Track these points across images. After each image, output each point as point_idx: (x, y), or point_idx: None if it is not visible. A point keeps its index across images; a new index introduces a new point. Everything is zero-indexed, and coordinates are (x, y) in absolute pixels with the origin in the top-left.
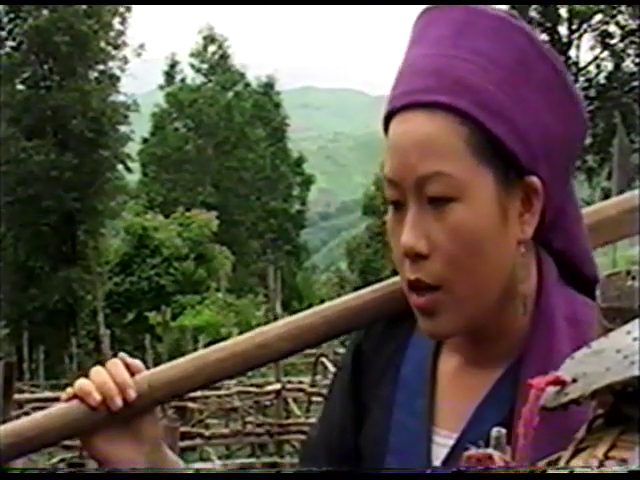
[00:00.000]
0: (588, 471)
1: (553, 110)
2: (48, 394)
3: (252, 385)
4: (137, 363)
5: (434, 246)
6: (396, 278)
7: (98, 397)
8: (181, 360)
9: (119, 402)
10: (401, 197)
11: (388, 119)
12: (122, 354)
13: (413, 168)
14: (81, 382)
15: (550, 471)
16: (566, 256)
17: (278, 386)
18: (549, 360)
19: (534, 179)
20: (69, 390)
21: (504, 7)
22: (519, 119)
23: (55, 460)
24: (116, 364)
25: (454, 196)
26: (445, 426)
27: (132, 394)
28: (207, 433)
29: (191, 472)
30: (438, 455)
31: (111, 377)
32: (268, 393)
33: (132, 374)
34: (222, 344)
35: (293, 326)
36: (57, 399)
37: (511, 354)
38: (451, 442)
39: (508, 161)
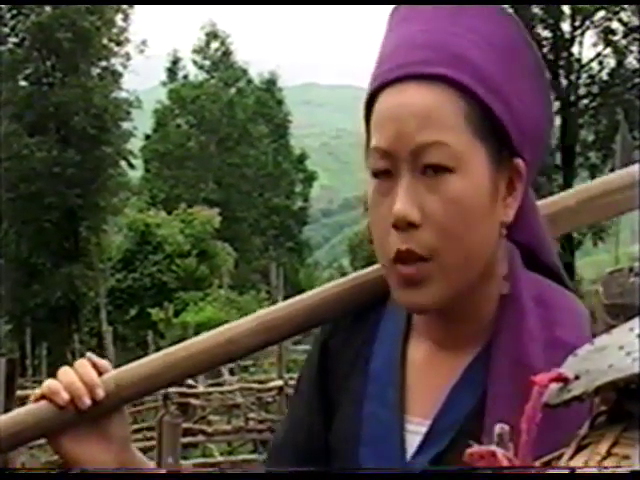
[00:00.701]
0: (590, 471)
1: (537, 97)
2: None
3: (254, 382)
4: (104, 363)
5: (427, 216)
6: (363, 271)
7: (66, 396)
8: (149, 358)
9: (87, 401)
10: (392, 167)
11: (376, 93)
12: (89, 354)
13: (411, 137)
14: (49, 382)
15: (551, 470)
16: (525, 245)
17: (280, 382)
18: (519, 341)
19: (520, 162)
20: (37, 391)
21: (505, 6)
22: (512, 99)
23: (56, 457)
24: (84, 364)
25: (451, 167)
26: (417, 414)
27: (100, 393)
28: (209, 430)
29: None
30: (412, 443)
31: (79, 377)
32: (270, 389)
33: (100, 374)
34: (190, 341)
35: (262, 321)
36: None
37: (481, 337)
38: (424, 429)
39: (501, 140)
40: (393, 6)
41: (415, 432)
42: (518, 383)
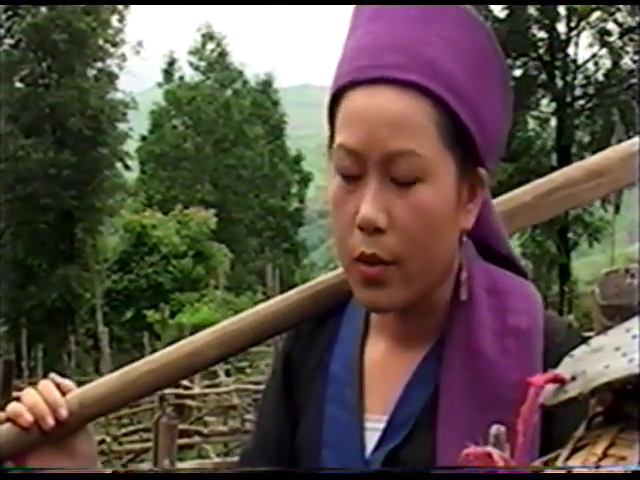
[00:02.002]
0: (588, 471)
1: (502, 108)
2: None
3: (251, 383)
4: (67, 383)
5: (393, 222)
6: (322, 277)
7: (30, 418)
8: (111, 376)
9: (51, 421)
10: (360, 169)
11: (343, 90)
12: (52, 374)
13: (382, 142)
14: (12, 405)
15: (548, 470)
16: (479, 238)
17: None
18: (470, 331)
19: (483, 171)
20: (1, 415)
21: (499, 6)
22: (481, 109)
23: None
24: (47, 385)
25: (420, 176)
26: (375, 411)
27: (63, 413)
28: (206, 431)
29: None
30: (370, 441)
31: (42, 398)
32: None
33: (63, 394)
34: (151, 356)
35: (221, 333)
36: None
37: (436, 332)
38: (382, 426)
39: (468, 150)
40: (355, 6)
41: (374, 429)
42: (471, 373)
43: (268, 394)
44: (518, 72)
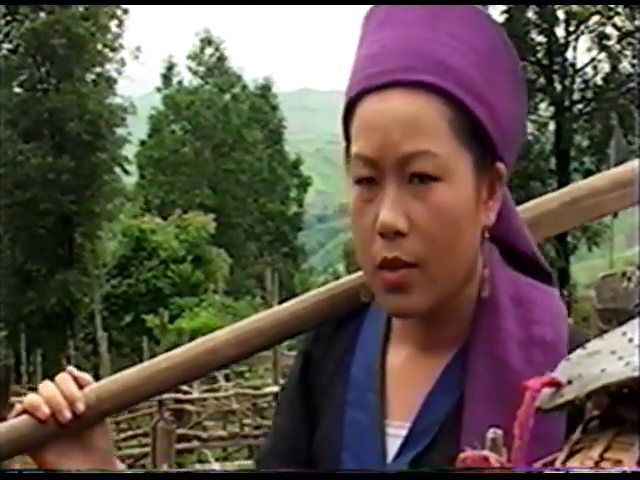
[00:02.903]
0: (588, 471)
1: (515, 99)
2: None
3: (250, 387)
4: (85, 376)
5: (413, 224)
6: (343, 279)
7: (47, 410)
8: (129, 371)
9: (68, 415)
10: (377, 175)
11: (357, 99)
12: (70, 367)
13: (396, 146)
14: (30, 397)
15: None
16: (503, 240)
17: (276, 388)
18: (496, 340)
19: (501, 166)
20: (18, 406)
21: (501, 6)
22: (494, 105)
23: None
24: (64, 378)
25: (437, 175)
26: (397, 417)
27: (80, 407)
28: (204, 435)
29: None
30: (392, 447)
31: (59, 391)
32: (266, 395)
33: (81, 387)
34: (170, 353)
35: (242, 331)
36: None
37: (459, 338)
38: (404, 432)
39: (485, 146)
40: (367, 11)
41: (395, 435)
42: (495, 382)
43: (285, 395)
44: None
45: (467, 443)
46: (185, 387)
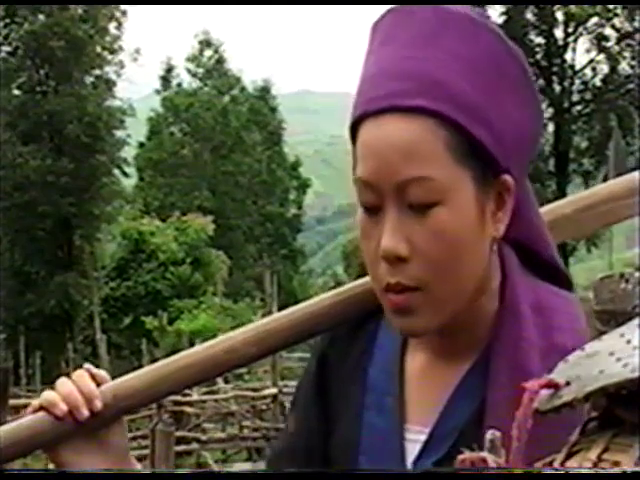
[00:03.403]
0: (587, 471)
1: (522, 109)
2: None
3: (249, 389)
4: (102, 374)
5: (414, 249)
6: (360, 281)
7: (64, 407)
8: (146, 369)
9: (85, 412)
10: (378, 200)
11: (359, 122)
12: (87, 365)
13: (394, 173)
14: (47, 394)
15: (545, 472)
16: (522, 243)
17: (275, 390)
18: (517, 347)
19: (508, 178)
20: (35, 402)
21: (500, 7)
22: (495, 119)
23: (52, 466)
24: (81, 375)
25: (436, 200)
26: (416, 422)
27: (98, 404)
28: (204, 437)
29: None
30: (411, 451)
31: (77, 388)
32: (265, 397)
33: (98, 384)
34: (188, 351)
35: (260, 330)
36: None
37: (479, 345)
38: (423, 437)
39: (485, 162)
40: (374, 21)
41: (414, 440)
42: (517, 390)
43: (300, 396)
44: None
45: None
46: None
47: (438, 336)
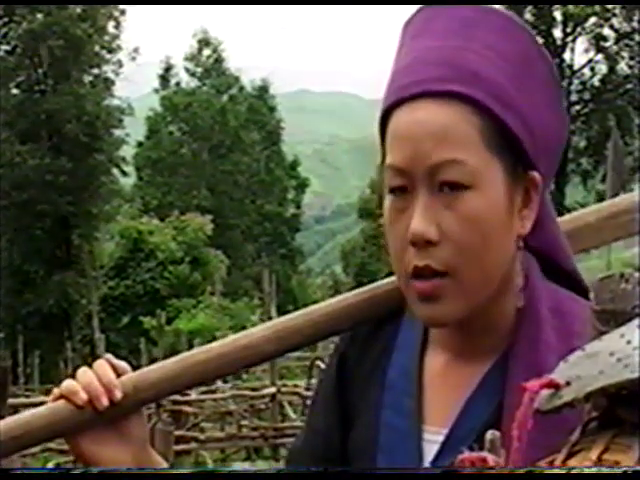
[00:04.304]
0: (588, 471)
1: (550, 109)
2: (43, 398)
3: (247, 389)
4: (123, 364)
5: (444, 233)
6: (380, 282)
7: (84, 396)
8: (167, 361)
9: (105, 402)
10: (409, 184)
11: (390, 110)
12: (108, 355)
13: (427, 156)
14: (68, 382)
15: (545, 471)
16: (544, 253)
17: (273, 390)
18: (536, 351)
19: (536, 174)
20: (56, 390)
21: (501, 7)
22: (527, 113)
23: (50, 465)
24: (102, 365)
25: (468, 184)
26: (434, 423)
27: (118, 394)
28: (202, 437)
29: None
30: (429, 452)
31: (97, 377)
32: (263, 397)
33: (118, 375)
34: (208, 346)
35: (279, 328)
36: None
37: (498, 347)
38: (441, 438)
39: (517, 154)
40: (405, 20)
41: (432, 441)
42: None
43: (320, 393)
44: None
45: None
46: None
47: (458, 336)
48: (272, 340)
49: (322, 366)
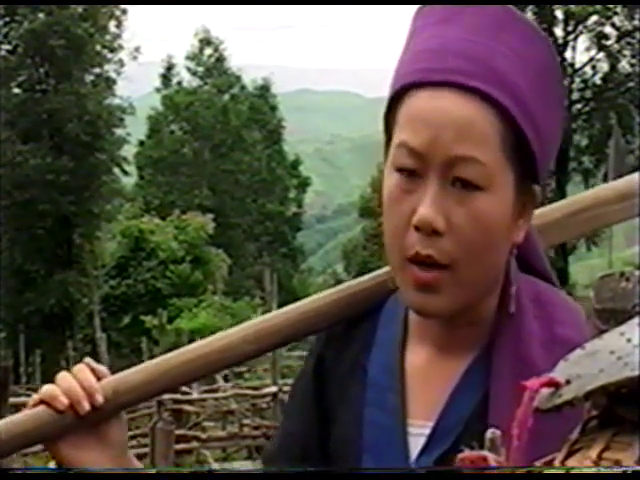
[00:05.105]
0: (588, 471)
1: (556, 122)
2: None
3: (249, 388)
4: (102, 368)
5: (451, 226)
6: (357, 279)
7: (65, 401)
8: (147, 364)
9: (86, 406)
10: (421, 168)
11: (407, 88)
12: (87, 359)
13: (447, 146)
14: (48, 387)
15: (545, 471)
16: (518, 254)
17: (275, 389)
18: (520, 340)
19: (538, 188)
20: (35, 396)
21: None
22: (542, 124)
23: (52, 464)
24: (82, 369)
25: (481, 184)
26: (419, 417)
27: (99, 399)
28: (204, 436)
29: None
30: (415, 446)
31: (78, 382)
32: (265, 396)
33: (98, 379)
34: (187, 347)
35: (258, 328)
36: None
37: (481, 340)
38: (427, 431)
39: (527, 165)
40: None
41: (418, 435)
42: (520, 382)
43: (296, 396)
44: None
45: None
46: (184, 387)
47: (442, 329)
48: (251, 340)
49: None
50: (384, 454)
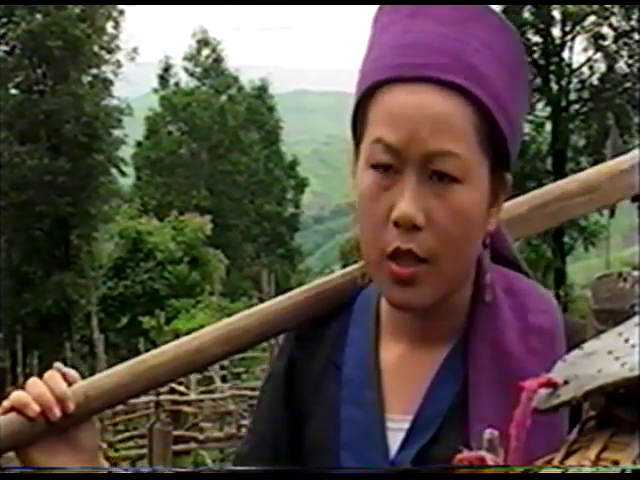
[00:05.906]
0: (588, 471)
1: (524, 107)
2: None
3: (246, 388)
4: (73, 373)
5: (430, 220)
6: (327, 277)
7: (36, 408)
8: (118, 368)
9: (58, 413)
10: (397, 164)
11: (380, 85)
12: (57, 364)
13: (424, 142)
14: (18, 394)
15: (544, 471)
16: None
17: None
18: (495, 328)
19: (509, 177)
20: (5, 403)
21: (499, 7)
22: (514, 116)
23: None
24: (53, 375)
25: (459, 177)
26: (398, 411)
27: (71, 405)
28: (201, 437)
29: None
30: (395, 440)
31: (49, 388)
32: None
33: (69, 384)
34: (159, 349)
35: (228, 329)
36: None
37: (456, 331)
38: (406, 425)
39: (500, 155)
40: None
41: (397, 429)
42: (498, 370)
43: (264, 398)
44: None
45: (475, 432)
46: (182, 388)
47: (418, 322)
48: (223, 341)
49: None
50: (363, 451)
